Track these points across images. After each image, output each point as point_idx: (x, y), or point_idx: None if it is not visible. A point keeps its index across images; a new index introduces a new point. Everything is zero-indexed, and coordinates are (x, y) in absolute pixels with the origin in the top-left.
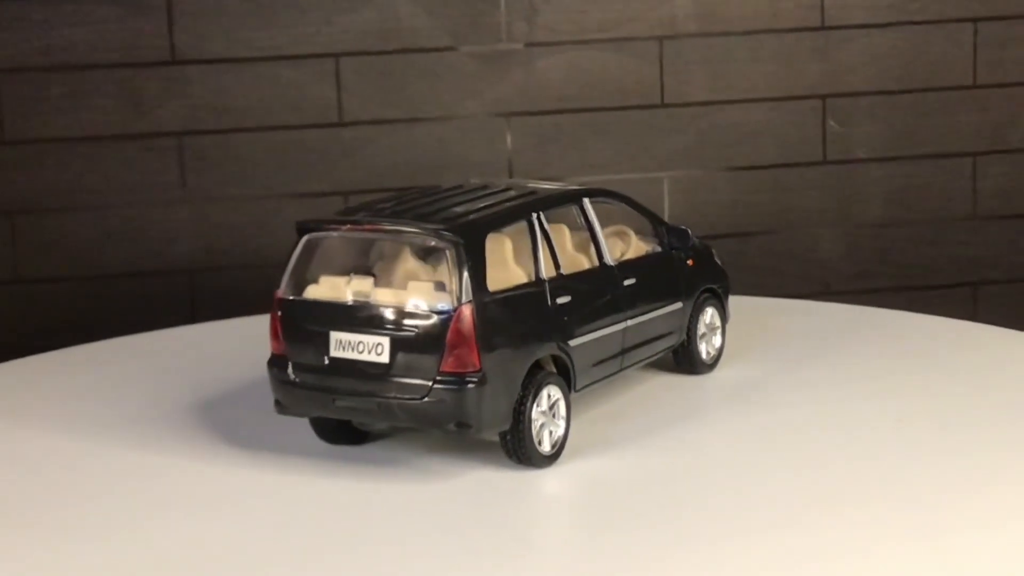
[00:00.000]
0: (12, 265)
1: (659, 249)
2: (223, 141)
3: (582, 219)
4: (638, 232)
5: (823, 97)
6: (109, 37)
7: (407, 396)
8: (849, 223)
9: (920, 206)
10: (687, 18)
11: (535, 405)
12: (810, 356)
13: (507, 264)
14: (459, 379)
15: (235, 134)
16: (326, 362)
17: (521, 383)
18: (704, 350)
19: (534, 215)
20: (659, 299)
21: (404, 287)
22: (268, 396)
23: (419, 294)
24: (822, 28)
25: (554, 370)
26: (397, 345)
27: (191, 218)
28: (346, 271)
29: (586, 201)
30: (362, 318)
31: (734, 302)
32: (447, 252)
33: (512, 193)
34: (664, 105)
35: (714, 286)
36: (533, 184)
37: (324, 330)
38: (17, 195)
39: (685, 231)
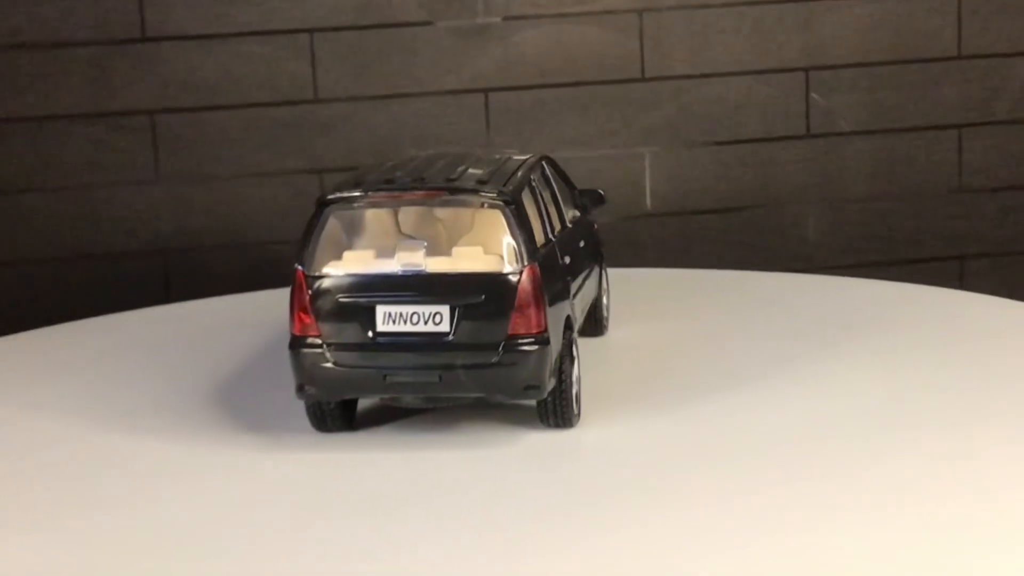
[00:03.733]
0: None
1: (577, 213)
2: (196, 119)
3: (542, 182)
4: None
5: (806, 70)
6: (79, 14)
7: (473, 363)
8: (833, 197)
9: (905, 179)
10: None
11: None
12: (779, 322)
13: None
14: (527, 340)
15: (208, 112)
16: (372, 338)
17: (561, 342)
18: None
19: (532, 177)
20: (591, 261)
21: (452, 253)
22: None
23: (478, 259)
24: (804, 0)
25: None
26: (460, 312)
27: (164, 197)
28: (376, 242)
29: (545, 164)
30: (415, 288)
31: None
32: (503, 214)
33: (497, 158)
34: (645, 79)
35: (601, 249)
36: (481, 152)
37: (369, 304)
38: None
39: (600, 193)
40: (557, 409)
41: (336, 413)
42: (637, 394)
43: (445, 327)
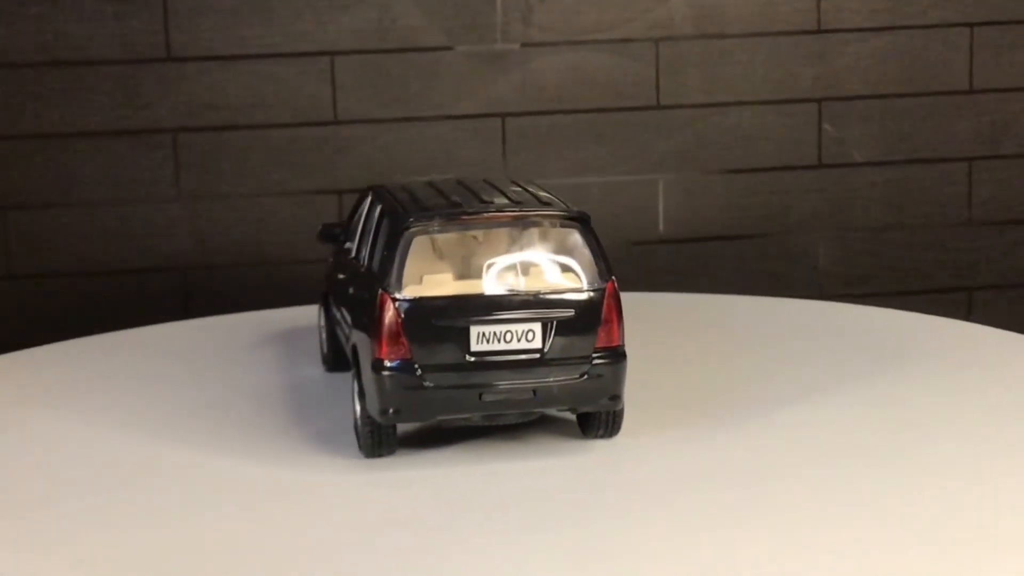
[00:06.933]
0: (5, 260)
1: None
2: (218, 138)
3: None
4: None
5: (819, 101)
6: (105, 33)
7: (566, 377)
8: (844, 226)
9: (915, 210)
10: (683, 20)
11: None
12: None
13: None
14: (611, 353)
15: (230, 132)
16: (467, 358)
17: None
18: None
19: None
20: None
21: (536, 272)
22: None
23: (563, 277)
24: (819, 31)
25: None
26: (552, 328)
27: (185, 215)
28: (455, 265)
29: None
30: (508, 307)
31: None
32: (580, 233)
33: (520, 186)
34: (660, 107)
35: None
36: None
37: (463, 325)
38: (11, 190)
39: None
40: (609, 420)
41: (392, 438)
42: (656, 407)
43: (538, 343)
